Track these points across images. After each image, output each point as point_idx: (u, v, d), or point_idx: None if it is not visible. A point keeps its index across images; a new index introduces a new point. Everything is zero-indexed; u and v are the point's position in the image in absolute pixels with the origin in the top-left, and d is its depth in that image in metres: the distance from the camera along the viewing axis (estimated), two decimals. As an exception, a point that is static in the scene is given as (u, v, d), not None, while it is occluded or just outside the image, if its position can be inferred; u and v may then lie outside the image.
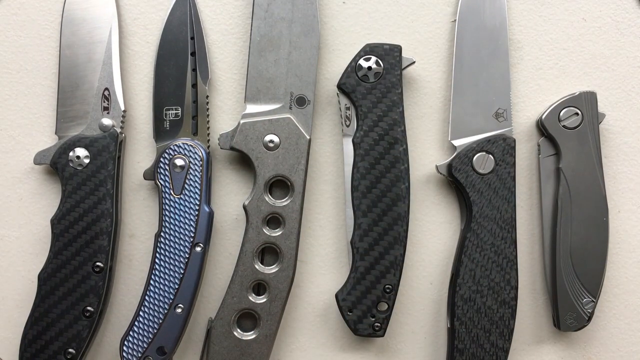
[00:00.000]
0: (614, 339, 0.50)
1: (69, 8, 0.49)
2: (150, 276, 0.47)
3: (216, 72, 0.50)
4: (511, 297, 0.47)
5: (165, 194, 0.47)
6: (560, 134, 0.48)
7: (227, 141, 0.48)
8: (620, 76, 0.50)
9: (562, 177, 0.48)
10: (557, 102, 0.49)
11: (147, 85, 0.50)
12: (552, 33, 0.50)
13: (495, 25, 0.49)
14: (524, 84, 0.50)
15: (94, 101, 0.49)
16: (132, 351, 0.47)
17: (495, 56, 0.49)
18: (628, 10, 0.50)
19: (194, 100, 0.49)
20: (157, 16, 0.50)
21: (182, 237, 0.47)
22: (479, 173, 0.47)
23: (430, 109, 0.50)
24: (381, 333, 0.48)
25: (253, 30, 0.49)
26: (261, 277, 0.47)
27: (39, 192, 0.50)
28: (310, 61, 0.48)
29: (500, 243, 0.47)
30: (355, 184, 0.47)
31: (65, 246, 0.47)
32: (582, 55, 0.50)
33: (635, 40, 0.50)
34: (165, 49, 0.49)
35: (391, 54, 0.48)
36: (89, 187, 0.47)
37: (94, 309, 0.47)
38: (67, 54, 0.49)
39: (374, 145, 0.47)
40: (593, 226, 0.48)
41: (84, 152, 0.48)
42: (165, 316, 0.47)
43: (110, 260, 0.48)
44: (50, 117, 0.50)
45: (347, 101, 0.48)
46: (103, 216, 0.47)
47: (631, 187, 0.50)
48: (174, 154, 0.48)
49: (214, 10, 0.51)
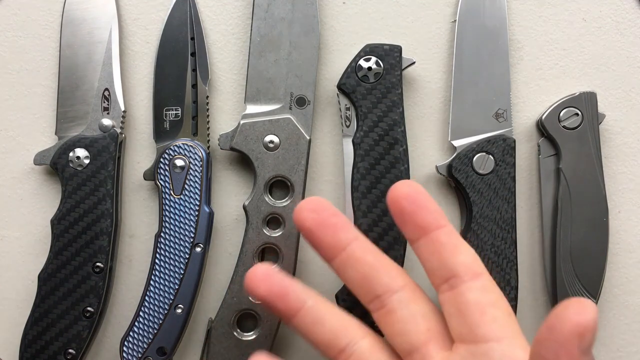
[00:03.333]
0: (614, 339, 0.50)
1: (69, 8, 0.49)
2: (150, 276, 0.47)
3: (216, 73, 0.51)
4: (511, 297, 0.47)
5: (165, 194, 0.47)
6: (560, 135, 0.48)
7: (227, 141, 0.48)
8: (620, 76, 0.50)
9: (562, 177, 0.48)
10: (557, 103, 0.49)
11: (147, 85, 0.50)
12: (552, 33, 0.50)
13: (495, 25, 0.49)
14: (524, 84, 0.50)
15: (94, 101, 0.49)
16: (132, 351, 0.47)
17: (495, 56, 0.49)
18: (628, 10, 0.50)
19: (194, 100, 0.49)
20: (157, 16, 0.50)
21: (182, 237, 0.47)
22: (479, 173, 0.47)
23: (430, 109, 0.50)
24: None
25: (253, 31, 0.49)
26: (261, 277, 0.47)
27: (39, 192, 0.50)
28: (310, 61, 0.48)
29: (500, 243, 0.47)
30: (355, 184, 0.47)
31: (65, 246, 0.47)
32: (582, 56, 0.50)
33: (635, 40, 0.50)
34: (165, 49, 0.49)
35: (391, 55, 0.48)
36: (89, 188, 0.47)
37: (94, 309, 0.47)
38: (67, 54, 0.49)
39: (374, 145, 0.47)
40: (593, 226, 0.48)
41: (84, 153, 0.48)
42: (165, 316, 0.47)
43: (110, 261, 0.48)
44: (50, 118, 0.50)
45: (347, 101, 0.48)
46: (103, 216, 0.47)
47: (631, 187, 0.50)
48: (174, 155, 0.48)
49: (214, 10, 0.51)
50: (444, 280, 0.37)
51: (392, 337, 0.39)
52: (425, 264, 0.38)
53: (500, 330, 0.36)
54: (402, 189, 0.38)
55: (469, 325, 0.36)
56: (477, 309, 0.36)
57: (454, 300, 0.37)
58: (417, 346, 0.38)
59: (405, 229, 0.38)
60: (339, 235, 0.39)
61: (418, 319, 0.38)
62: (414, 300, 0.39)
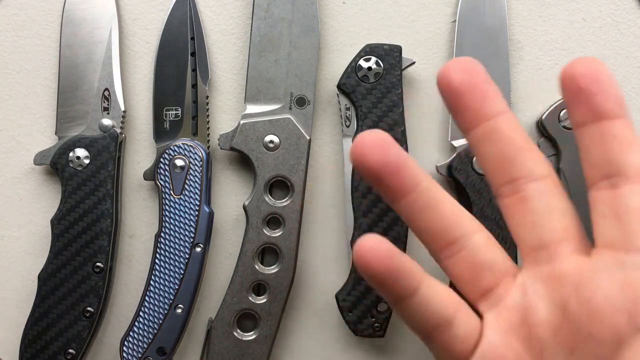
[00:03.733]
0: (614, 339, 0.50)
1: (69, 8, 0.49)
2: (150, 276, 0.47)
3: (216, 72, 0.50)
4: (511, 298, 0.47)
5: (165, 195, 0.47)
6: (560, 135, 0.48)
7: (227, 141, 0.48)
8: (620, 76, 0.50)
9: (562, 177, 0.48)
10: (557, 103, 0.48)
11: (147, 85, 0.50)
12: (552, 33, 0.50)
13: (495, 25, 0.49)
14: (524, 84, 0.50)
15: (94, 101, 0.49)
16: (132, 351, 0.47)
17: (495, 56, 0.49)
18: (628, 10, 0.50)
19: (194, 100, 0.49)
20: (157, 16, 0.50)
21: (182, 237, 0.47)
22: (479, 173, 0.47)
23: (430, 109, 0.50)
24: (381, 333, 0.48)
25: (253, 31, 0.49)
26: (261, 277, 0.47)
27: (39, 192, 0.50)
28: (310, 61, 0.48)
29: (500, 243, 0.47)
30: (355, 184, 0.47)
31: (65, 246, 0.47)
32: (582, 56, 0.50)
33: (635, 40, 0.50)
34: (165, 49, 0.49)
35: (391, 55, 0.48)
36: (89, 188, 0.47)
37: (94, 309, 0.47)
38: (67, 54, 0.49)
39: (374, 145, 0.47)
40: (593, 226, 0.48)
41: (84, 153, 0.48)
42: (165, 316, 0.47)
43: (110, 261, 0.48)
44: (50, 118, 0.50)
45: (347, 101, 0.48)
46: (103, 216, 0.47)
47: (631, 187, 0.50)
48: (174, 155, 0.48)
49: (214, 10, 0.51)
50: (605, 177, 0.32)
51: (519, 228, 0.34)
52: (585, 154, 0.32)
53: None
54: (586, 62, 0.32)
55: (626, 231, 0.31)
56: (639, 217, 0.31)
57: (613, 200, 0.32)
58: (548, 243, 0.33)
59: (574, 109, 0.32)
60: (487, 103, 0.33)
61: (555, 214, 0.33)
62: (554, 194, 0.33)
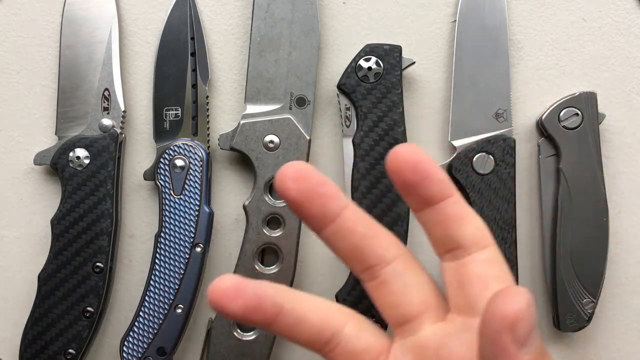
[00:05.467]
0: (614, 339, 0.50)
1: (69, 8, 0.49)
2: (150, 276, 0.47)
3: (216, 72, 0.50)
4: (511, 298, 0.47)
5: (165, 195, 0.47)
6: (560, 135, 0.48)
7: (227, 141, 0.48)
8: (620, 76, 0.50)
9: (562, 177, 0.48)
10: (557, 103, 0.48)
11: (147, 85, 0.50)
12: (552, 33, 0.50)
13: (495, 25, 0.49)
14: (524, 84, 0.50)
15: (94, 101, 0.49)
16: (132, 351, 0.47)
17: (495, 56, 0.49)
18: (628, 10, 0.50)
19: (194, 100, 0.49)
20: (157, 16, 0.50)
21: (182, 237, 0.47)
22: (479, 173, 0.47)
23: (430, 109, 0.50)
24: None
25: (253, 31, 0.49)
26: (261, 277, 0.47)
27: (39, 192, 0.50)
28: (310, 61, 0.48)
29: (500, 243, 0.47)
30: (355, 184, 0.47)
31: (65, 246, 0.47)
32: (582, 56, 0.50)
33: (635, 40, 0.50)
34: (165, 49, 0.49)
35: (391, 55, 0.48)
36: (89, 188, 0.47)
37: (94, 310, 0.47)
38: (67, 54, 0.49)
39: (374, 145, 0.47)
40: (593, 226, 0.48)
41: (84, 153, 0.48)
42: (165, 316, 0.47)
43: (110, 261, 0.48)
44: (50, 118, 0.50)
45: (347, 101, 0.48)
46: (103, 216, 0.47)
47: (631, 188, 0.50)
48: (174, 155, 0.48)
49: (214, 10, 0.51)
50: (448, 251, 0.35)
51: (385, 309, 0.37)
52: (429, 233, 0.36)
53: None
54: (403, 155, 0.34)
55: (469, 298, 0.34)
56: (479, 282, 0.34)
57: (457, 271, 0.35)
58: (410, 318, 0.36)
59: (407, 199, 0.35)
60: (328, 206, 0.35)
61: (411, 290, 0.36)
62: (407, 271, 0.36)
